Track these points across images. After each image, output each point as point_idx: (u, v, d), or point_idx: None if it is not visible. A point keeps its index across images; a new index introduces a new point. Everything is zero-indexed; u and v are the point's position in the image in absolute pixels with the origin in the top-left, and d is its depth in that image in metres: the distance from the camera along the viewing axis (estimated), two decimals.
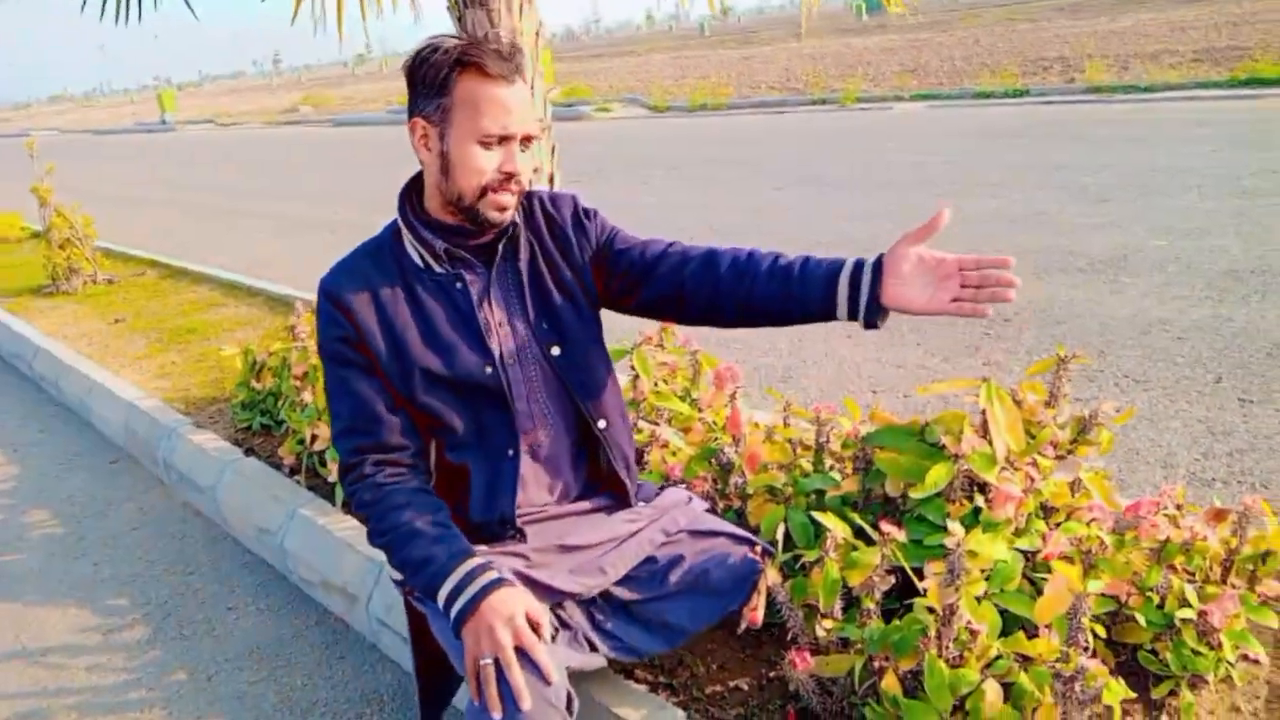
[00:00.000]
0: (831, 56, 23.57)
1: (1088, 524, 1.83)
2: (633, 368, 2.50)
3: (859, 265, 1.49)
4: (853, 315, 1.49)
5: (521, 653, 1.30)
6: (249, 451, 3.19)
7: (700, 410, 2.39)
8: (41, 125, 48.74)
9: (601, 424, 1.63)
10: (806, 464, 2.13)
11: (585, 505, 1.69)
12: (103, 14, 2.88)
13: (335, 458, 2.47)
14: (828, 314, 1.52)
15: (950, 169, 8.05)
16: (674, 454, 2.26)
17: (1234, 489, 2.60)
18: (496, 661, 1.29)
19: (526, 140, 1.47)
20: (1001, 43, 21.02)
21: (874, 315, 1.47)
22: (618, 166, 10.72)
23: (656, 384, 2.60)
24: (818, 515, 1.74)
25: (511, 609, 1.32)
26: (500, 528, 1.60)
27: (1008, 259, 1.41)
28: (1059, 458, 1.92)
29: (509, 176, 1.45)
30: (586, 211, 1.69)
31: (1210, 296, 4.13)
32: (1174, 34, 17.56)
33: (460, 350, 1.52)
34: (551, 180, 2.71)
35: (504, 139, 1.43)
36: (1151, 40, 17.03)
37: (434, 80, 1.42)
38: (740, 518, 2.02)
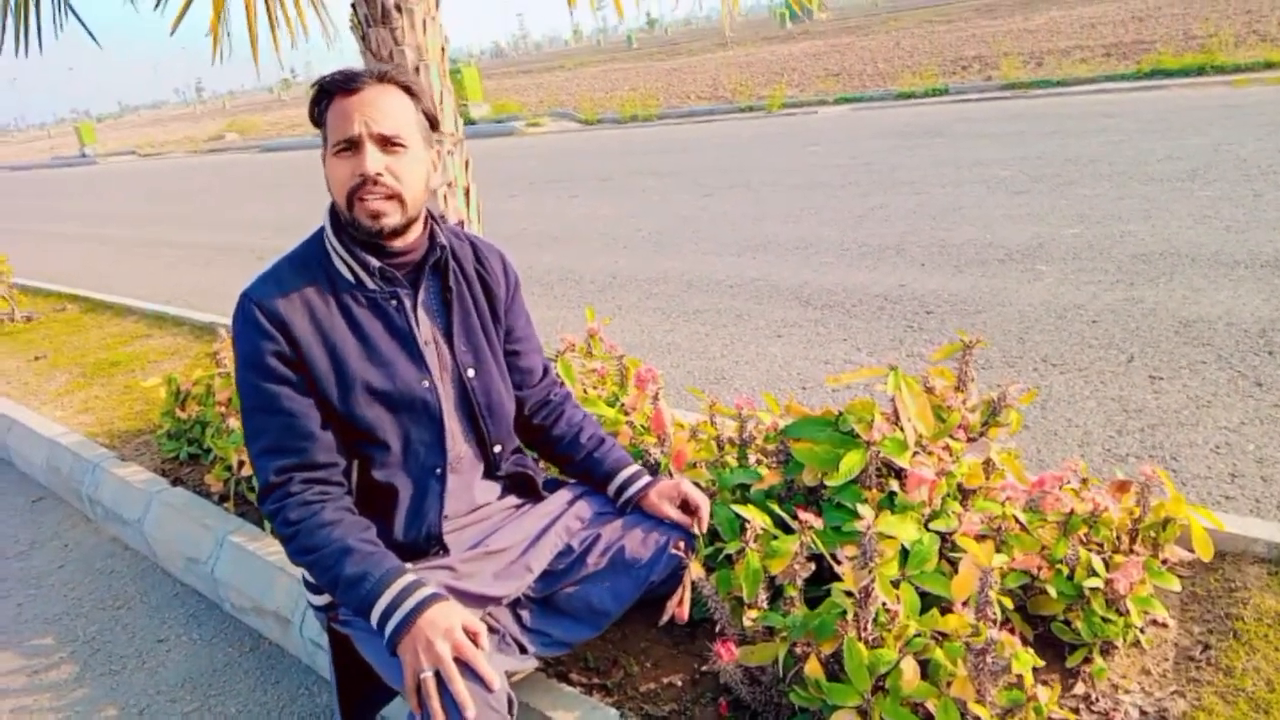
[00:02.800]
0: (758, 64, 23.90)
1: (1001, 502, 1.89)
2: (558, 375, 2.51)
3: (628, 482, 1.84)
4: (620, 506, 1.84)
5: (460, 664, 1.31)
6: (176, 481, 3.13)
7: (627, 414, 2.42)
8: None
9: (497, 449, 1.73)
10: (732, 460, 2.17)
11: (499, 506, 1.74)
12: (1, 46, 2.81)
13: None
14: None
15: (873, 168, 8.22)
16: None
17: (1146, 463, 2.71)
18: (437, 674, 1.30)
19: (385, 142, 1.47)
20: (922, 44, 21.53)
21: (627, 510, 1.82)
22: (550, 180, 10.73)
23: (585, 390, 2.62)
24: (740, 509, 1.78)
25: (449, 622, 1.34)
26: (425, 544, 1.62)
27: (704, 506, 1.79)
28: (971, 440, 1.99)
29: (363, 178, 1.45)
30: (508, 274, 1.78)
31: (1121, 280, 4.28)
32: (1084, 30, 18.19)
33: (399, 366, 1.55)
34: (467, 194, 2.72)
35: (352, 143, 1.45)
36: (1063, 37, 17.61)
37: (314, 117, 1.53)
38: None
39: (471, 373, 1.65)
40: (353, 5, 2.55)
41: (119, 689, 2.31)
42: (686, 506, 1.79)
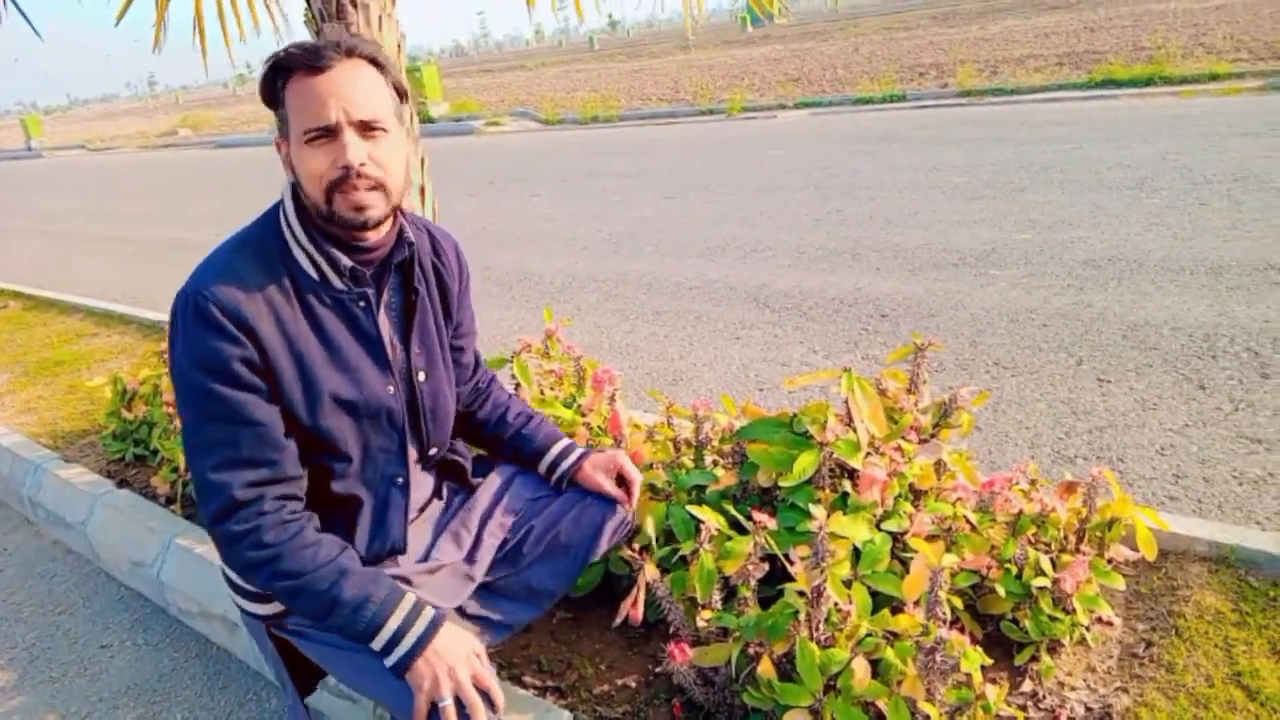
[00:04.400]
0: (719, 67, 24.01)
1: (953, 503, 1.92)
2: (514, 376, 2.50)
3: (561, 456, 1.79)
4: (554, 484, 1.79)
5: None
6: (122, 483, 3.05)
7: (584, 415, 2.41)
8: None
9: (433, 451, 1.66)
10: (689, 461, 2.17)
11: (436, 507, 1.72)
12: None
13: None
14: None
15: (830, 173, 8.30)
16: None
17: (1094, 464, 2.76)
18: (456, 699, 1.28)
19: (366, 128, 1.33)
20: (880, 50, 21.78)
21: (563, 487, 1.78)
22: (510, 180, 10.68)
23: (542, 391, 2.61)
24: (695, 510, 1.78)
25: (465, 648, 1.32)
26: (387, 555, 1.57)
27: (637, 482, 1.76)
28: (923, 441, 2.01)
29: (346, 170, 1.32)
30: (462, 268, 1.70)
31: (1071, 285, 4.37)
32: (1038, 39, 18.52)
33: (365, 372, 1.45)
34: (423, 192, 2.69)
35: (329, 130, 1.31)
36: (1018, 46, 17.92)
37: (270, 96, 1.37)
38: None
39: (423, 376, 1.57)
40: (307, 0, 2.52)
41: (59, 696, 2.25)
42: (622, 480, 1.74)
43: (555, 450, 1.78)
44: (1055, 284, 4.41)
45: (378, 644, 1.32)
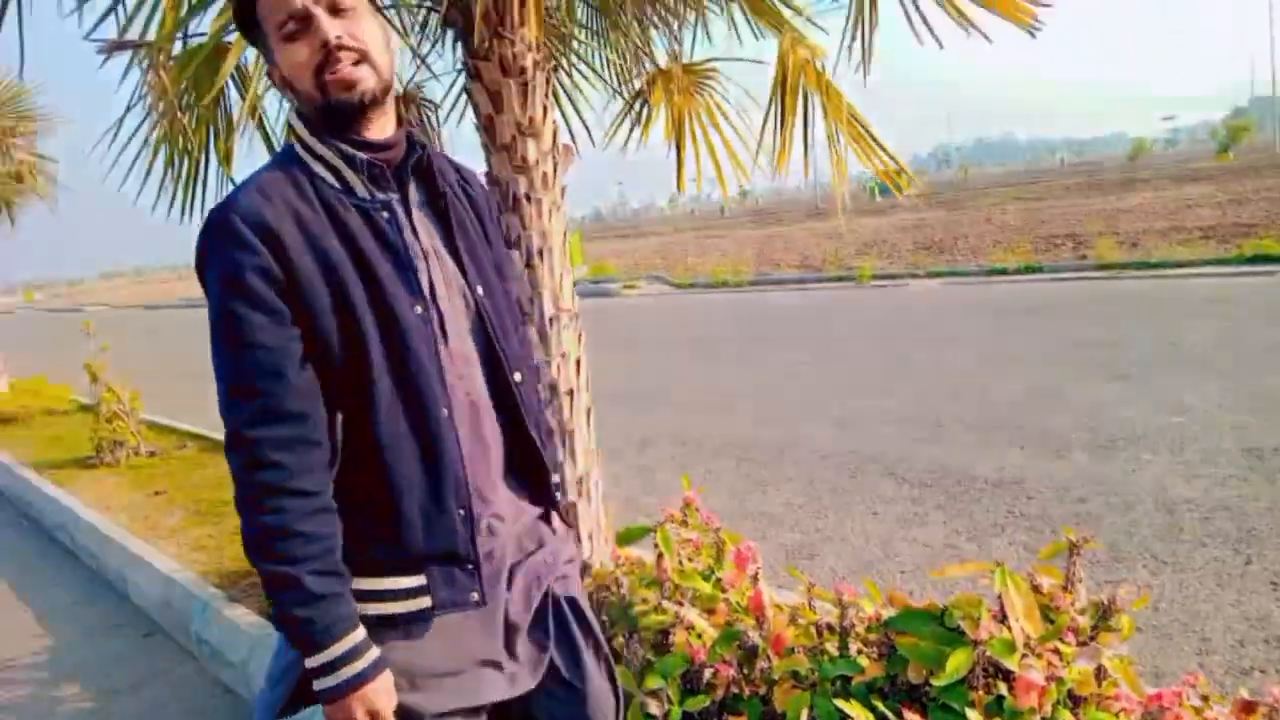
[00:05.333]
0: (848, 235, 24.52)
1: (1115, 714, 1.83)
2: (656, 545, 2.56)
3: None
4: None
5: None
6: None
7: (724, 590, 2.43)
8: (92, 300, 51.01)
9: (517, 376, 1.47)
10: (832, 648, 2.15)
11: (524, 525, 1.51)
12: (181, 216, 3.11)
13: None
14: None
15: (966, 344, 8.25)
16: (698, 636, 2.29)
17: (1273, 679, 2.56)
18: None
19: (335, 9, 1.32)
20: (1014, 220, 21.83)
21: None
22: (644, 340, 11.06)
23: (681, 562, 2.66)
24: (842, 704, 1.77)
25: (391, 701, 1.29)
26: (446, 533, 1.34)
27: None
28: (1081, 644, 1.94)
29: (326, 47, 1.30)
30: (487, 193, 1.63)
31: (1234, 475, 4.15)
32: (1180, 211, 18.21)
33: (391, 285, 1.32)
34: (578, 365, 2.86)
35: (301, 17, 1.31)
36: (1159, 218, 17.65)
37: (248, 23, 1.39)
38: (766, 703, 2.03)
39: (480, 290, 1.44)
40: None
41: None
42: None
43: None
44: (1216, 473, 4.20)
45: (315, 660, 1.24)
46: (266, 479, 1.24)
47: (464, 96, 3.24)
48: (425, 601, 1.33)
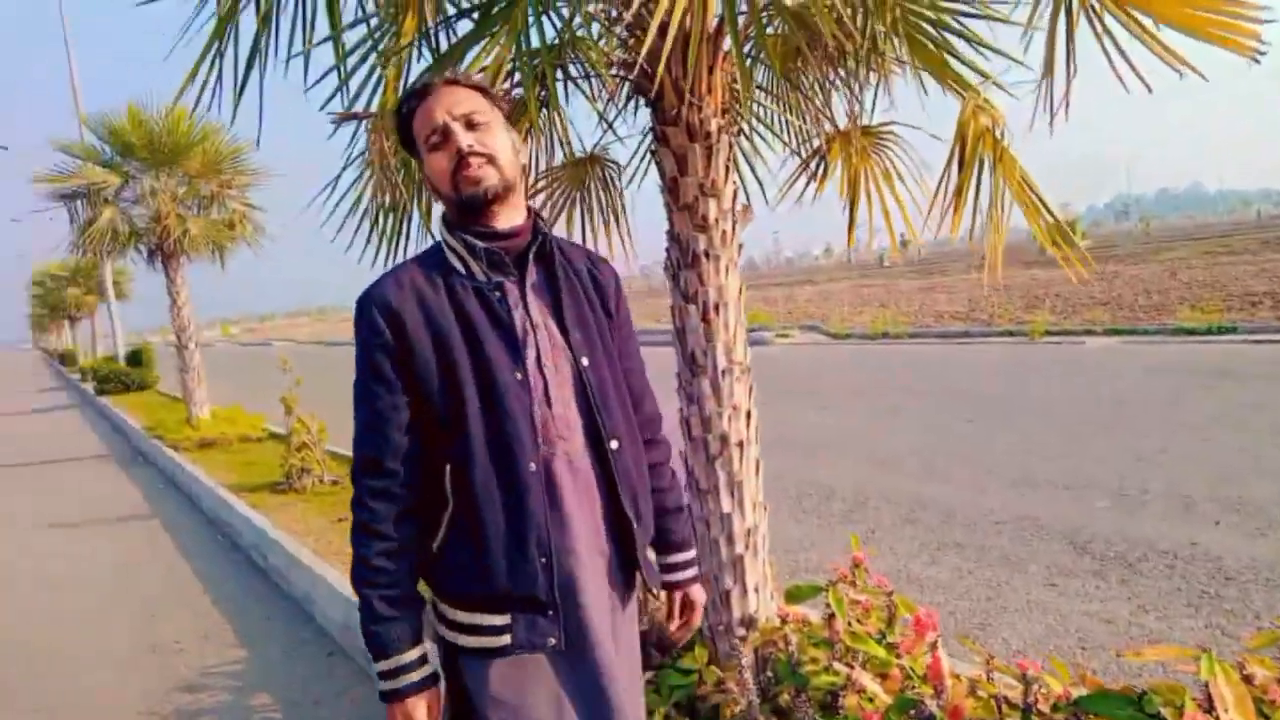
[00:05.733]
0: (1016, 288, 23.51)
1: None
2: (827, 605, 2.54)
3: (683, 565, 1.87)
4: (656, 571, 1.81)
5: None
6: None
7: (898, 656, 2.39)
8: (280, 336, 55.15)
9: (614, 444, 1.62)
10: None
11: (609, 609, 1.64)
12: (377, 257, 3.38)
13: None
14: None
15: (1150, 407, 7.73)
16: (870, 701, 2.25)
17: None
18: None
19: (469, 122, 1.57)
20: (1201, 276, 20.35)
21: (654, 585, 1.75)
22: (800, 390, 10.95)
23: (850, 624, 2.62)
24: None
25: (418, 717, 1.53)
26: (526, 571, 1.52)
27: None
28: None
29: (460, 153, 1.55)
30: (616, 277, 1.79)
31: None
32: None
33: (496, 355, 1.54)
34: (749, 417, 2.90)
35: (440, 131, 1.57)
36: None
37: (407, 142, 1.66)
38: None
39: (586, 360, 1.62)
40: (666, 249, 2.91)
41: None
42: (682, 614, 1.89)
43: (683, 556, 1.87)
44: None
45: (378, 667, 1.53)
46: (363, 518, 1.54)
47: (645, 157, 3.38)
48: (505, 639, 1.54)
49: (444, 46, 2.75)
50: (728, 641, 2.82)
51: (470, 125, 1.57)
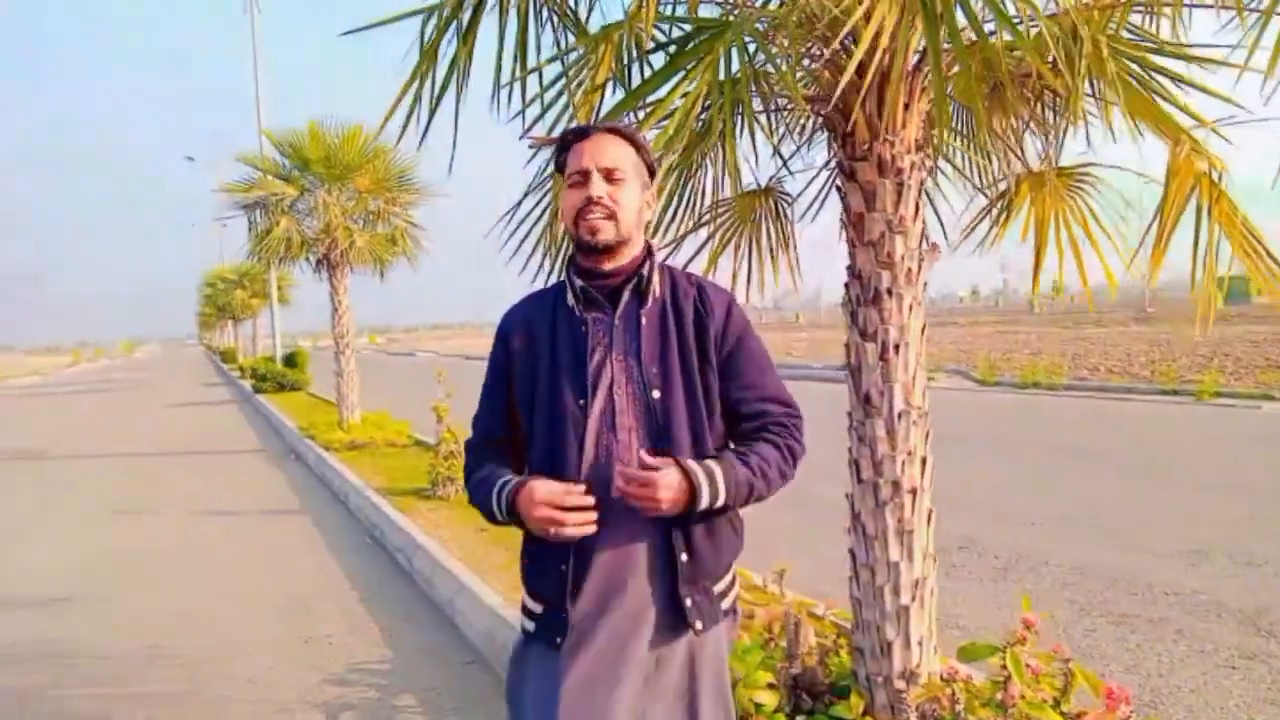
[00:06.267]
0: (1179, 343, 22.07)
1: None
2: (1003, 666, 2.42)
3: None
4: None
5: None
6: None
7: None
8: (422, 348, 57.58)
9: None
10: None
11: (630, 637, 1.70)
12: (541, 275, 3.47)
13: None
14: None
15: None
16: None
17: None
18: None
19: (609, 175, 1.74)
20: None
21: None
22: (947, 438, 10.51)
23: (1024, 691, 2.49)
24: None
25: (535, 499, 1.65)
26: (550, 586, 1.74)
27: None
28: None
29: (589, 200, 1.72)
30: (731, 317, 1.82)
31: None
32: None
33: (567, 381, 1.75)
34: (924, 463, 2.80)
35: (583, 174, 1.74)
36: None
37: (558, 165, 1.85)
38: None
39: (657, 394, 1.73)
40: (845, 285, 2.86)
41: None
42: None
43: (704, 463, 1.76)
44: None
45: (495, 515, 1.75)
46: (468, 461, 1.90)
47: (819, 190, 3.35)
48: (533, 626, 1.76)
49: (635, 80, 2.82)
50: (886, 693, 2.72)
51: (610, 177, 1.74)
